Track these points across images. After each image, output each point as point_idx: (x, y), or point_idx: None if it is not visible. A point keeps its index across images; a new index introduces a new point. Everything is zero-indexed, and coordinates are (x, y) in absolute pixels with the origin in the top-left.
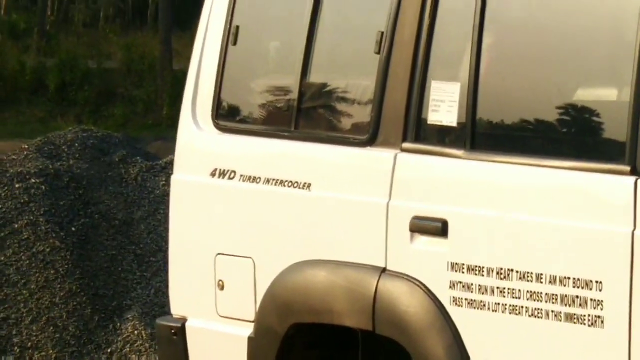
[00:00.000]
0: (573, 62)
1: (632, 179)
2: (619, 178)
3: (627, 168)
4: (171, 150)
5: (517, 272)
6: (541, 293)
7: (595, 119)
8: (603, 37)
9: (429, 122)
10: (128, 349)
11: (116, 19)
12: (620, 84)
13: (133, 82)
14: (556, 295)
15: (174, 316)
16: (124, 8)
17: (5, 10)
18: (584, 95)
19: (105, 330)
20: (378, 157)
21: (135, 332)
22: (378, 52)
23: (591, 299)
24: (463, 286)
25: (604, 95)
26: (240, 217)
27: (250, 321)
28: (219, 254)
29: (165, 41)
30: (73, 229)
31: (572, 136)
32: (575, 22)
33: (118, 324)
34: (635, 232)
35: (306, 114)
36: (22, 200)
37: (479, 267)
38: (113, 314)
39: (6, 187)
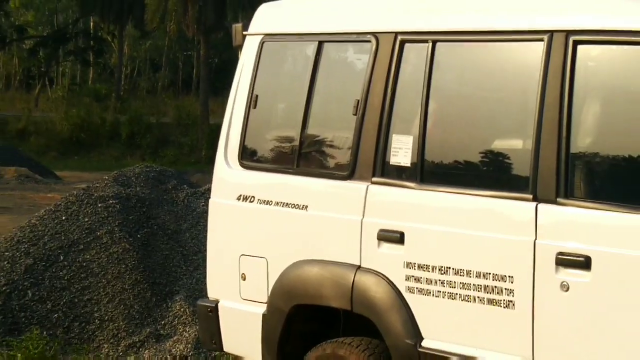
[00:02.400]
0: (491, 122)
1: (534, 204)
2: (524, 203)
3: (530, 196)
4: (208, 180)
5: (453, 269)
6: (470, 284)
7: (507, 161)
8: (513, 105)
9: (391, 163)
10: (176, 322)
11: (170, 87)
12: (525, 137)
13: (181, 132)
14: (481, 285)
15: (210, 299)
16: (175, 79)
17: (92, 81)
18: (500, 144)
19: (160, 308)
20: (355, 187)
21: (182, 310)
22: (355, 114)
23: (505, 289)
24: (415, 279)
25: (514, 145)
26: (257, 229)
27: (264, 302)
28: (242, 254)
29: (204, 103)
30: (139, 236)
31: (491, 173)
32: (494, 94)
33: (169, 304)
34: (536, 241)
35: (305, 156)
36: (102, 216)
37: (426, 265)
38: (166, 297)
39: (92, 206)
